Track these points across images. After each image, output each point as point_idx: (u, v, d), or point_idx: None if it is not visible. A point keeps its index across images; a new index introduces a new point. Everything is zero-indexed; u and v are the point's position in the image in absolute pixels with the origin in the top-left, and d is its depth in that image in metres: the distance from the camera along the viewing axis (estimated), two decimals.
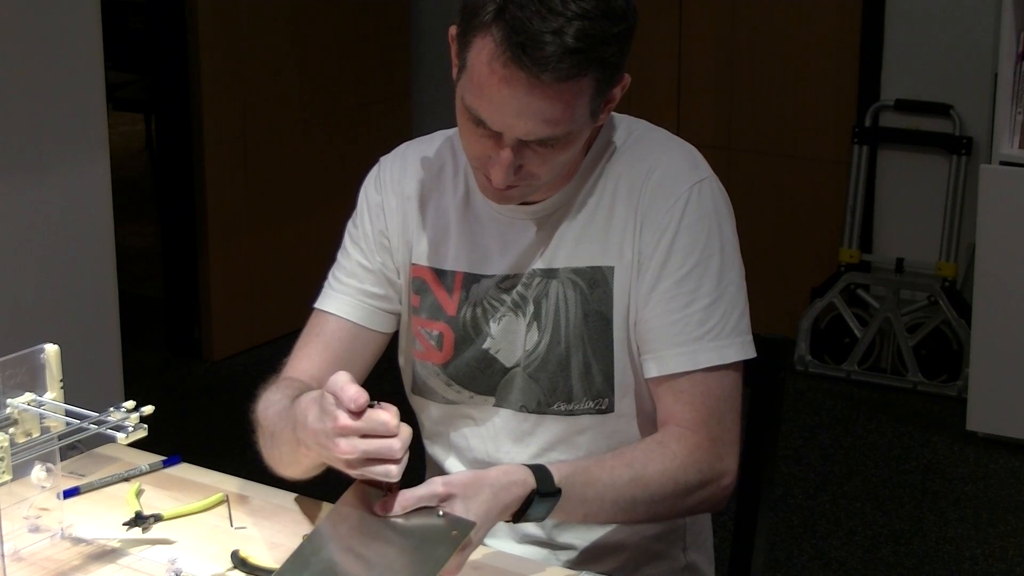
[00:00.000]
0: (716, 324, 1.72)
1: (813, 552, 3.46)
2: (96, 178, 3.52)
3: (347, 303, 1.84)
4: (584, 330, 1.75)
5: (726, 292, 1.73)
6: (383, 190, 1.86)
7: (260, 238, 4.75)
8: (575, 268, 1.75)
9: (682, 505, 1.70)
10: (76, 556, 1.64)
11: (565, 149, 1.66)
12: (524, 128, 1.61)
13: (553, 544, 1.81)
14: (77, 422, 1.57)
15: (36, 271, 3.41)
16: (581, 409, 1.77)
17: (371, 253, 1.85)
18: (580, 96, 1.60)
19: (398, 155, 1.88)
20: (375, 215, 1.85)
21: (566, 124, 1.62)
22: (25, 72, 3.31)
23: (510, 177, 1.65)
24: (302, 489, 1.81)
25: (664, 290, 1.72)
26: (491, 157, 1.65)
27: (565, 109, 1.60)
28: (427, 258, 1.83)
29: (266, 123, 4.72)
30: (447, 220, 1.82)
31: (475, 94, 1.61)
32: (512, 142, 1.62)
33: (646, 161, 1.76)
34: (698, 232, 1.72)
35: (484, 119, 1.62)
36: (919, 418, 4.19)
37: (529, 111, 1.59)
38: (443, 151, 1.86)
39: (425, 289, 1.83)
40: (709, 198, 1.74)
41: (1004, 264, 3.88)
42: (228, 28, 4.55)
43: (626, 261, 1.74)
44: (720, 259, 1.73)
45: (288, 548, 1.62)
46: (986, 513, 3.63)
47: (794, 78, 4.60)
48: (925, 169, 4.44)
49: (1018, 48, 3.84)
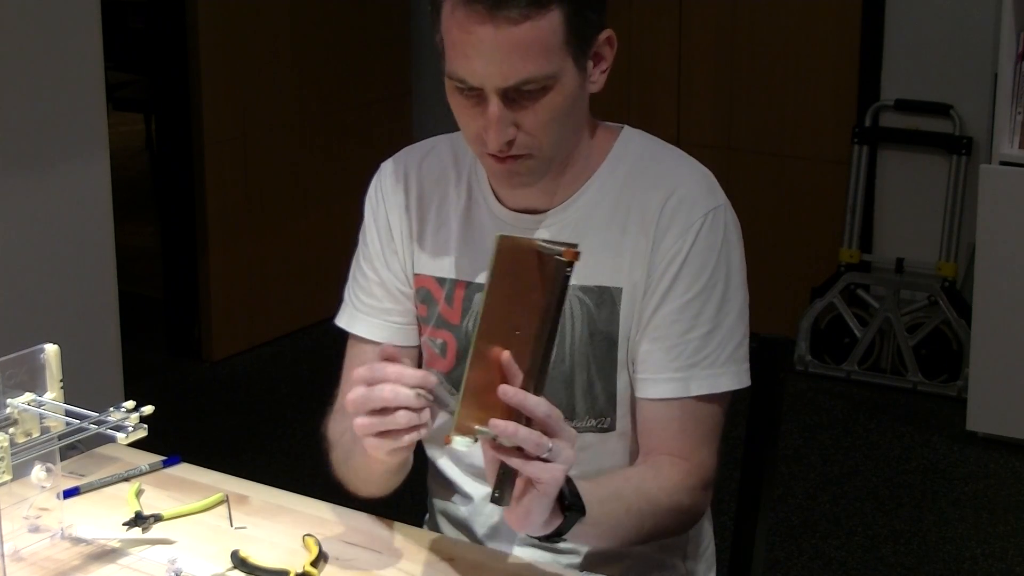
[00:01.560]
0: (712, 352, 1.72)
1: (813, 552, 3.46)
2: (96, 178, 3.52)
3: (375, 325, 1.83)
4: (589, 349, 1.75)
5: (725, 321, 1.73)
6: (386, 199, 1.84)
7: (260, 238, 4.75)
8: (583, 286, 1.74)
9: (674, 524, 1.73)
10: (76, 556, 1.64)
11: (553, 99, 1.63)
12: (500, 71, 1.59)
13: (555, 551, 1.80)
14: (77, 422, 1.57)
15: (36, 271, 3.41)
16: (583, 427, 1.76)
17: (383, 268, 1.84)
18: (549, 30, 1.60)
19: (399, 161, 1.87)
20: (381, 227, 1.84)
21: (542, 62, 1.60)
22: (25, 72, 3.31)
23: (505, 134, 1.63)
24: (302, 489, 1.81)
25: (665, 314, 1.72)
26: (485, 127, 1.63)
27: (535, 44, 1.59)
28: (430, 268, 1.82)
29: (266, 123, 4.72)
30: (449, 228, 1.81)
31: (451, 56, 1.62)
32: (496, 92, 1.61)
33: (664, 184, 1.74)
34: (706, 260, 1.72)
35: (463, 76, 1.61)
36: (919, 418, 4.19)
37: (500, 53, 1.58)
38: (445, 157, 1.84)
39: (430, 299, 1.82)
40: (721, 226, 1.74)
41: (1004, 264, 3.88)
42: (228, 28, 4.55)
43: (634, 283, 1.73)
44: (724, 288, 1.73)
45: (288, 548, 1.62)
46: (986, 513, 3.63)
47: (794, 78, 4.60)
48: (925, 169, 4.44)
49: (1018, 48, 3.84)
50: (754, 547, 1.89)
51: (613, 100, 4.70)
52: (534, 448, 1.43)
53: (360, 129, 5.03)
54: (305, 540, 1.65)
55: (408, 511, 1.85)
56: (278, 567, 1.58)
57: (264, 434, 4.08)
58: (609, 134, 1.80)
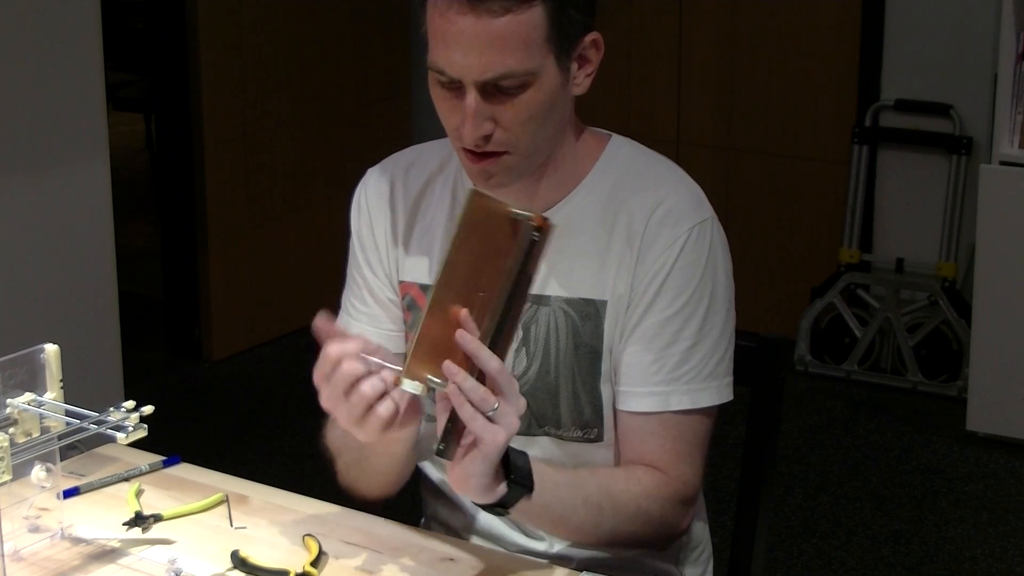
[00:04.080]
0: (693, 368, 1.71)
1: (813, 552, 3.46)
2: (96, 178, 3.52)
3: (367, 333, 1.82)
4: (574, 361, 1.74)
5: (708, 336, 1.71)
6: (370, 205, 1.84)
7: (260, 238, 4.75)
8: (567, 299, 1.73)
9: (641, 534, 1.70)
10: (76, 556, 1.64)
11: (532, 96, 1.62)
12: (479, 63, 1.58)
13: (548, 556, 1.80)
14: (77, 422, 1.57)
15: (36, 271, 3.41)
16: (570, 437, 1.76)
17: (370, 275, 1.84)
18: (531, 25, 1.59)
19: (386, 167, 1.86)
20: (365, 235, 1.84)
21: (522, 57, 1.59)
22: (25, 72, 3.31)
23: (481, 128, 1.61)
24: (302, 489, 1.81)
25: (647, 328, 1.71)
26: (463, 120, 1.62)
27: (516, 38, 1.58)
28: (414, 274, 1.81)
29: (266, 123, 4.72)
30: (434, 235, 1.80)
31: (432, 47, 1.61)
32: (474, 85, 1.60)
33: (650, 196, 1.73)
34: (691, 274, 1.71)
35: (443, 67, 1.60)
36: (919, 418, 4.19)
37: (480, 44, 1.58)
38: (431, 162, 1.83)
39: (414, 305, 1.81)
40: (707, 240, 1.72)
41: (1004, 264, 3.88)
42: (228, 28, 4.55)
43: (618, 296, 1.72)
44: (708, 303, 1.71)
45: (288, 548, 1.62)
46: (986, 513, 3.63)
47: (794, 78, 4.60)
48: (925, 169, 4.44)
49: (1018, 48, 3.83)
50: (754, 547, 1.89)
51: (613, 100, 4.70)
52: (479, 401, 1.46)
53: (360, 129, 5.03)
54: (305, 540, 1.65)
55: (408, 511, 1.85)
56: (278, 567, 1.58)
57: (264, 434, 4.08)
58: (597, 141, 1.78)
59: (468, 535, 1.84)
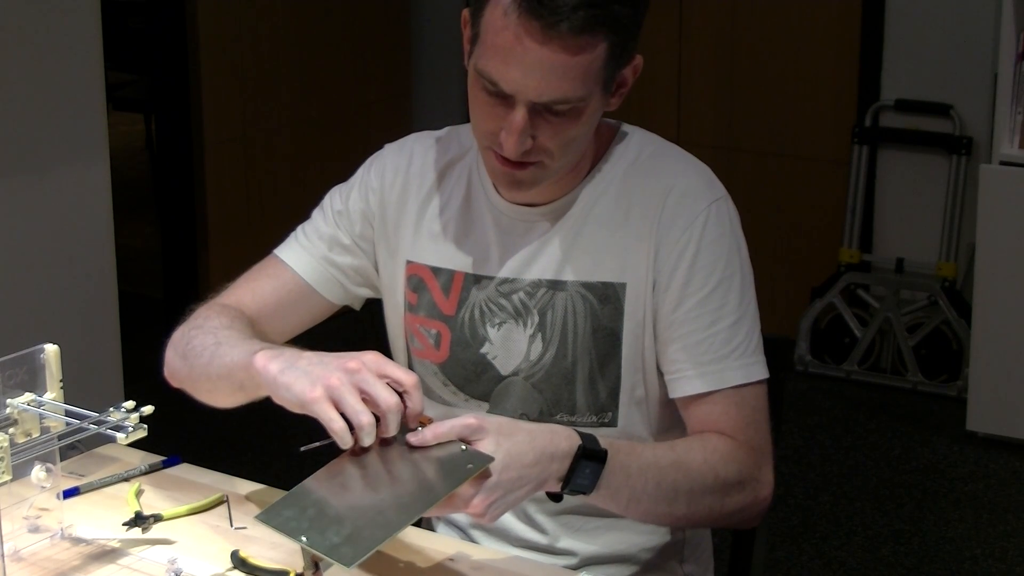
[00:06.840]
0: (741, 342, 1.71)
1: (813, 552, 3.46)
2: (96, 178, 3.52)
3: (309, 263, 1.86)
4: (592, 345, 1.74)
5: (748, 310, 1.72)
6: (383, 178, 1.85)
7: (260, 238, 4.74)
8: (585, 283, 1.74)
9: (720, 507, 1.67)
10: (76, 556, 1.63)
11: (577, 121, 1.63)
12: (537, 86, 1.58)
13: (552, 550, 1.80)
14: (77, 422, 1.57)
15: (36, 271, 3.41)
16: (583, 422, 1.76)
17: (348, 229, 1.86)
18: (593, 58, 1.59)
19: (405, 146, 1.88)
20: (365, 198, 1.85)
21: (579, 86, 1.60)
22: (25, 72, 3.31)
23: (523, 144, 1.62)
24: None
25: (688, 309, 1.71)
26: (504, 128, 1.62)
27: (578, 69, 1.58)
28: (425, 256, 1.82)
29: (266, 123, 4.73)
30: (448, 218, 1.81)
31: (489, 55, 1.60)
32: (525, 103, 1.60)
33: (664, 179, 1.74)
34: (719, 250, 1.72)
35: (497, 80, 1.60)
36: (919, 418, 4.19)
37: (543, 67, 1.57)
38: (451, 146, 1.85)
39: (422, 287, 1.82)
40: (727, 217, 1.74)
41: (1004, 264, 3.88)
42: (228, 28, 4.55)
43: (639, 278, 1.73)
44: (740, 277, 1.73)
45: (288, 548, 1.62)
46: (986, 513, 3.63)
47: (794, 78, 4.60)
48: (925, 169, 4.44)
49: (1018, 48, 3.83)
50: (754, 547, 1.89)
51: None
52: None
53: (360, 129, 5.03)
54: None
55: None
56: (278, 567, 1.58)
57: (264, 434, 4.08)
58: (608, 130, 1.80)
59: (470, 528, 1.85)
